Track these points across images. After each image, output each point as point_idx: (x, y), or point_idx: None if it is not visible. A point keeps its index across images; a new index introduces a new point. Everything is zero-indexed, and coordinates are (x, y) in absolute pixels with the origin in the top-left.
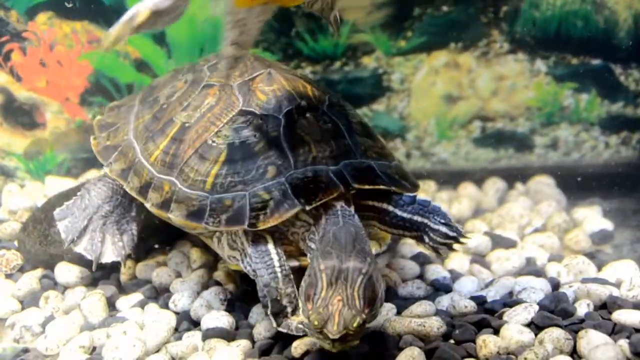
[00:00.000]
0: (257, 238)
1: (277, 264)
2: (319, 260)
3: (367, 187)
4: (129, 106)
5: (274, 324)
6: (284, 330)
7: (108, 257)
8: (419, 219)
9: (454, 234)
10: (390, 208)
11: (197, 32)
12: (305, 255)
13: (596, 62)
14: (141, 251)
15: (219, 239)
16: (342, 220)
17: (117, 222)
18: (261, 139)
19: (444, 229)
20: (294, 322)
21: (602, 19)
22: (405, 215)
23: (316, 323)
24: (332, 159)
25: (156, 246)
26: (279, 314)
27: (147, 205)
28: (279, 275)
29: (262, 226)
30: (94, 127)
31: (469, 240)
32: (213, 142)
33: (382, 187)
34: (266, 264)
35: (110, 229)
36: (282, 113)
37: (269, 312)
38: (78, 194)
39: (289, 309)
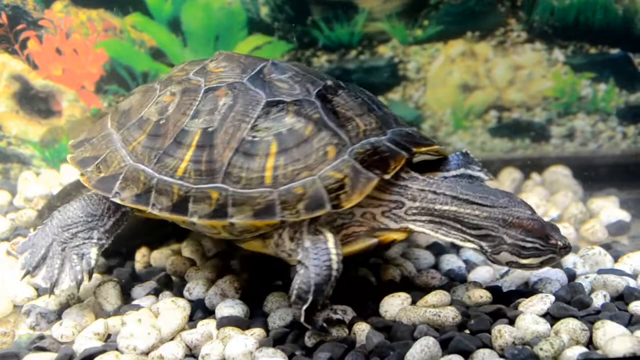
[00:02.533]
0: (317, 234)
1: (335, 266)
2: (488, 209)
3: (423, 149)
4: (101, 137)
5: (302, 319)
6: (308, 327)
7: (65, 284)
8: (466, 171)
9: (489, 177)
10: (444, 173)
11: (212, 20)
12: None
13: (615, 51)
14: (156, 240)
15: (280, 234)
16: (436, 181)
17: (76, 246)
18: (307, 123)
19: (482, 175)
20: (320, 320)
21: (621, 8)
22: (456, 172)
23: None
24: (379, 130)
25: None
26: (312, 310)
27: (193, 219)
28: (333, 277)
29: (347, 205)
30: (73, 165)
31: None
32: (254, 137)
33: (437, 147)
34: (324, 263)
35: (69, 254)
36: (313, 96)
37: (304, 308)
38: (39, 227)
39: (320, 307)
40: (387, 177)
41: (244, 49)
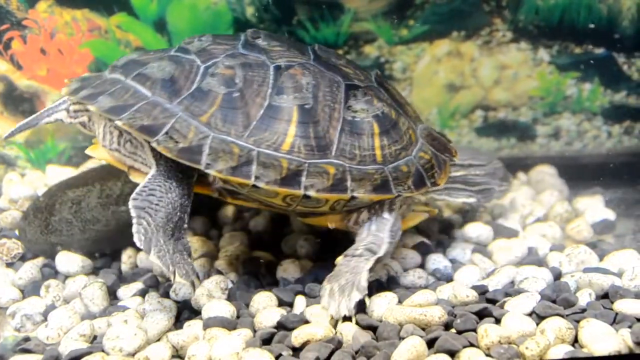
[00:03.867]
0: (393, 209)
1: (399, 233)
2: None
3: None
4: (149, 104)
5: (365, 280)
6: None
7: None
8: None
9: None
10: None
11: (198, 20)
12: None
13: (599, 51)
14: None
15: (362, 211)
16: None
17: (178, 238)
18: (390, 108)
19: None
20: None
21: (605, 8)
22: None
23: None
24: (417, 118)
25: None
26: (375, 264)
27: (309, 192)
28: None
29: (441, 183)
30: (133, 131)
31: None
32: (354, 117)
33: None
34: (396, 232)
35: (179, 248)
36: (375, 82)
37: (371, 271)
38: (133, 220)
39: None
40: (455, 160)
41: None
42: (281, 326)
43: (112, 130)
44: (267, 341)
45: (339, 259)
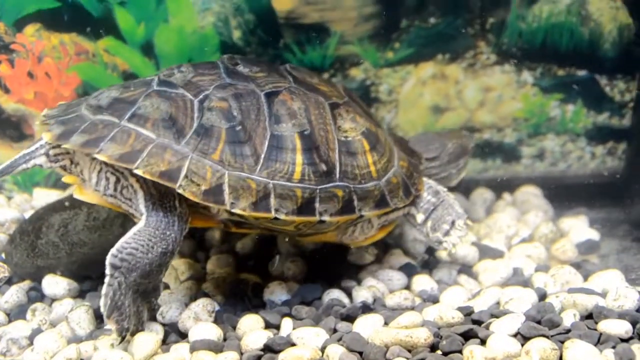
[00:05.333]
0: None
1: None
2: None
3: None
4: (158, 146)
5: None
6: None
7: (135, 328)
8: None
9: None
10: None
11: (185, 44)
12: None
13: (582, 73)
14: None
15: (370, 220)
16: None
17: (146, 292)
18: (369, 121)
19: None
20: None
21: (587, 31)
22: None
23: None
24: (379, 122)
25: None
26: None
27: (324, 217)
28: None
29: (421, 189)
30: (155, 178)
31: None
32: (345, 137)
33: None
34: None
35: (139, 301)
36: (346, 97)
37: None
38: (107, 276)
39: None
40: (422, 165)
41: None
42: (268, 349)
43: (108, 177)
44: None
45: (420, 219)
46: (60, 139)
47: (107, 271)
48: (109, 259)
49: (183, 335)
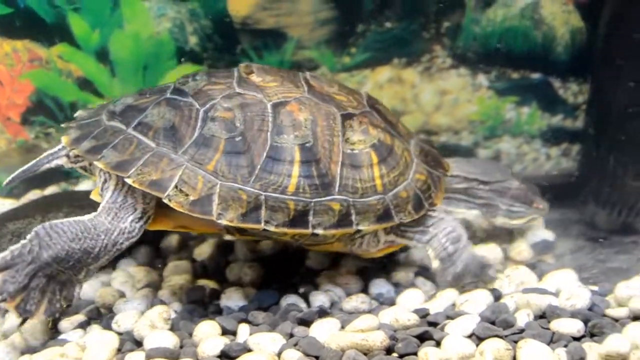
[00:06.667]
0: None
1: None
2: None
3: None
4: (154, 155)
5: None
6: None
7: (37, 317)
8: None
9: None
10: None
11: (141, 49)
12: None
13: (536, 76)
14: None
15: (376, 232)
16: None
17: (61, 283)
18: (384, 132)
19: None
20: None
21: (540, 34)
22: None
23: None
24: (409, 134)
25: None
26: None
27: (317, 230)
28: None
29: (438, 203)
30: (144, 187)
31: None
32: (352, 150)
33: None
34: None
35: (51, 289)
36: (367, 106)
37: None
38: (27, 238)
39: None
40: (448, 174)
41: (173, 78)
42: (224, 355)
43: (101, 176)
44: None
45: (437, 266)
46: (73, 143)
47: (28, 237)
48: (36, 227)
49: (139, 344)
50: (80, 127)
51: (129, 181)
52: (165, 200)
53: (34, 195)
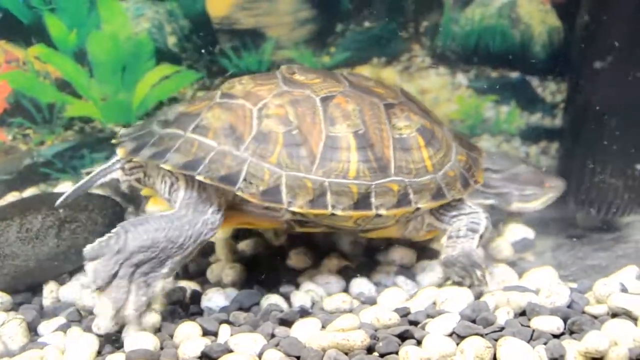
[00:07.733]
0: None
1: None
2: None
3: None
4: (218, 153)
5: (478, 258)
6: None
7: (128, 310)
8: None
9: None
10: None
11: (119, 50)
12: None
13: (514, 75)
14: (64, 274)
15: (423, 216)
16: None
17: (145, 274)
18: (424, 118)
19: None
20: None
21: (518, 33)
22: None
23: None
24: (441, 122)
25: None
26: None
27: (380, 211)
28: None
29: (480, 180)
30: (214, 182)
31: None
32: (400, 134)
33: None
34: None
35: (137, 280)
36: (402, 96)
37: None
38: (112, 231)
39: None
40: (483, 156)
41: (152, 79)
42: (205, 356)
43: (166, 181)
44: None
45: (444, 240)
46: (132, 153)
47: (114, 229)
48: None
49: (119, 346)
50: (134, 139)
51: (200, 178)
52: (238, 192)
53: (12, 197)
